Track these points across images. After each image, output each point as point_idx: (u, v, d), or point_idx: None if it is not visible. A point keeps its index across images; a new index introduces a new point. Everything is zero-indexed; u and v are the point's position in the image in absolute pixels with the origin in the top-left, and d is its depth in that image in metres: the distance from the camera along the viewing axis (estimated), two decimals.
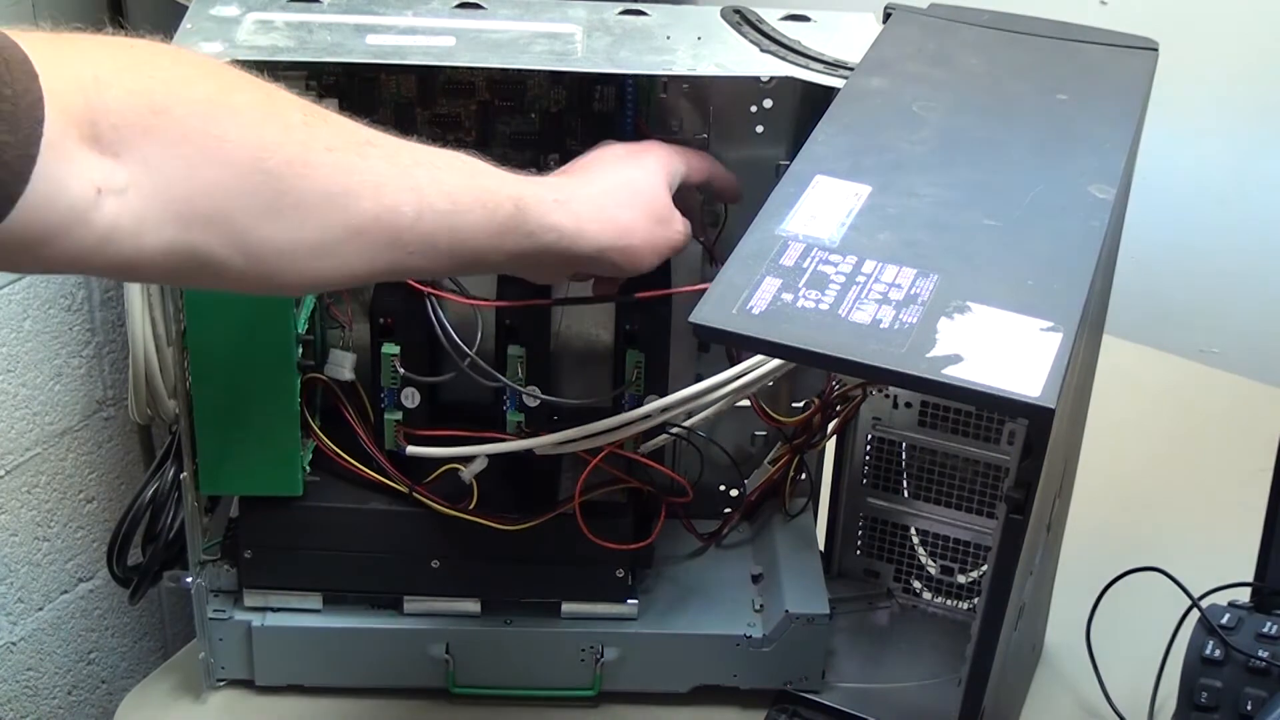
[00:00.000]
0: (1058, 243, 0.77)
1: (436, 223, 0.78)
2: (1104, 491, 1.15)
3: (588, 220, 0.85)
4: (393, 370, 0.99)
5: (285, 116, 0.74)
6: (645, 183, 0.89)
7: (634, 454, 1.02)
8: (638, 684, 1.05)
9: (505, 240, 0.82)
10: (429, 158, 0.80)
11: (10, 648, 1.46)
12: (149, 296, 0.94)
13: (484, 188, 0.81)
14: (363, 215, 0.75)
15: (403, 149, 0.79)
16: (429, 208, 0.77)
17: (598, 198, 0.87)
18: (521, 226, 0.82)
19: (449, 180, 0.79)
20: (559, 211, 0.84)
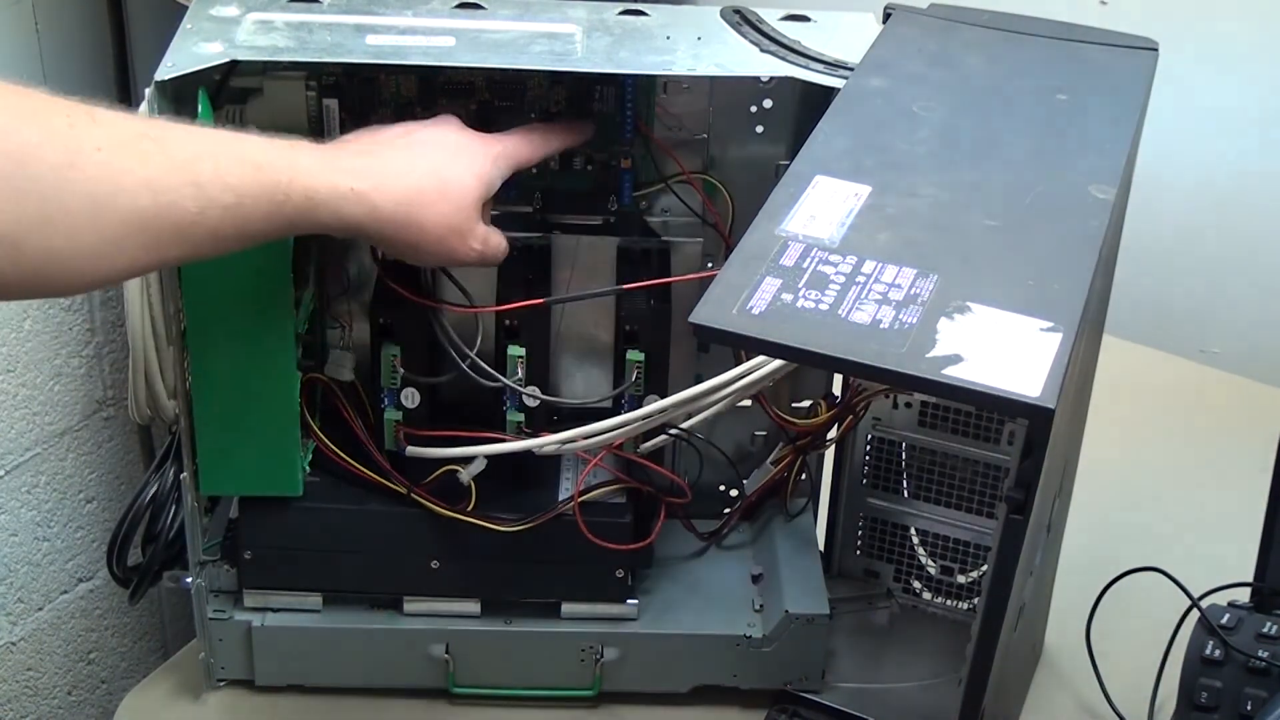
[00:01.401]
0: (1058, 243, 0.77)
1: (220, 217, 0.78)
2: (1104, 491, 1.15)
3: (386, 214, 0.84)
4: (393, 370, 0.99)
5: (47, 120, 0.73)
6: (459, 188, 0.88)
7: (633, 455, 1.02)
8: (638, 684, 1.05)
9: (296, 229, 0.82)
10: (215, 148, 0.79)
11: (10, 648, 1.46)
12: (149, 296, 0.94)
13: (272, 181, 0.80)
14: (141, 214, 0.74)
15: (185, 141, 0.78)
16: (212, 202, 0.77)
17: (403, 191, 0.85)
18: (311, 217, 0.82)
19: (233, 173, 0.78)
20: (354, 203, 0.83)
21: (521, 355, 0.99)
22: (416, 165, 0.87)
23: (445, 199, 0.87)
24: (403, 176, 0.86)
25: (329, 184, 0.82)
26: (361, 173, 0.84)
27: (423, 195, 0.86)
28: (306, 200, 0.81)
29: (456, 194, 0.88)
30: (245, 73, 0.96)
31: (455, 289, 1.02)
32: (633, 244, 1.04)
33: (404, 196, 0.85)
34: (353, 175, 0.84)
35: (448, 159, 0.89)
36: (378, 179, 0.85)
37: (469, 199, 0.88)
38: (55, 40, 1.36)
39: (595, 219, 1.04)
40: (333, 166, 0.83)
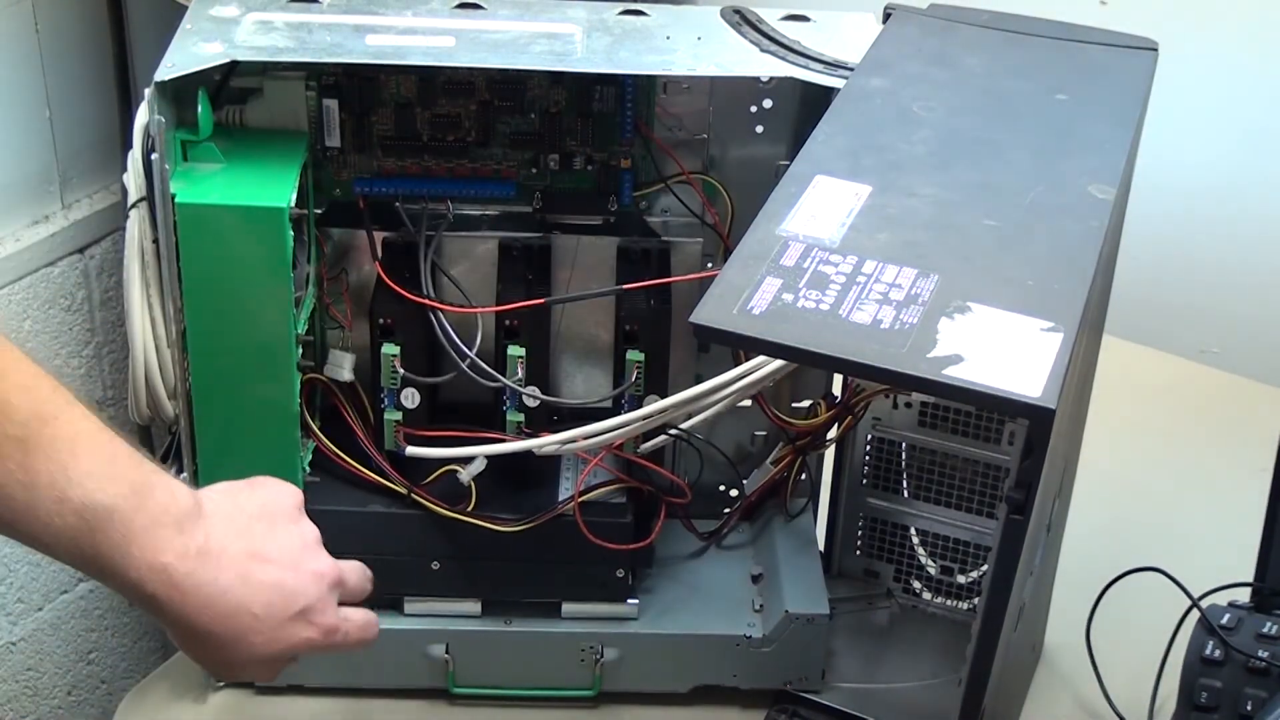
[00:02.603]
0: (1058, 243, 0.77)
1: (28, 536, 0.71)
2: (1104, 491, 1.15)
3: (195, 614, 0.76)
4: (393, 370, 0.99)
5: None
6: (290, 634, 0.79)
7: (633, 455, 1.02)
8: (638, 684, 1.05)
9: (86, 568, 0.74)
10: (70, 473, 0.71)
11: (10, 648, 1.45)
12: (149, 296, 0.94)
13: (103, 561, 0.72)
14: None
15: None
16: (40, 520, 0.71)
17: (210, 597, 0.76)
18: (102, 564, 0.73)
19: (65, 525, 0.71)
20: (152, 576, 0.74)
21: (521, 355, 0.99)
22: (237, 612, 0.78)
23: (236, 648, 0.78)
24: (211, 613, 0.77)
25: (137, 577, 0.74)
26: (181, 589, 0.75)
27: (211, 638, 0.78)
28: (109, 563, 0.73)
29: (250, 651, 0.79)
30: (245, 73, 0.96)
31: (455, 289, 1.02)
32: (633, 244, 1.04)
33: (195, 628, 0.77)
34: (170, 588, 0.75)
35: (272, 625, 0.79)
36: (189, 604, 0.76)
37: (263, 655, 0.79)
38: (55, 40, 1.36)
39: (595, 219, 1.04)
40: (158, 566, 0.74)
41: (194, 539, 0.76)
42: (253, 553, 0.79)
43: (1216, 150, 1.46)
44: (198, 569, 0.76)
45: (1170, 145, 1.41)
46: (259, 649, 0.79)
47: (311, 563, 0.82)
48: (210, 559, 0.76)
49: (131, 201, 0.93)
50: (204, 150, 0.94)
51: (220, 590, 0.76)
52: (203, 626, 0.77)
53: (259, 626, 0.78)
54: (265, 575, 0.79)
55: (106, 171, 1.44)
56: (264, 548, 0.79)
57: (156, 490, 0.74)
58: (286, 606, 0.79)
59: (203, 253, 0.92)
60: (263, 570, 0.79)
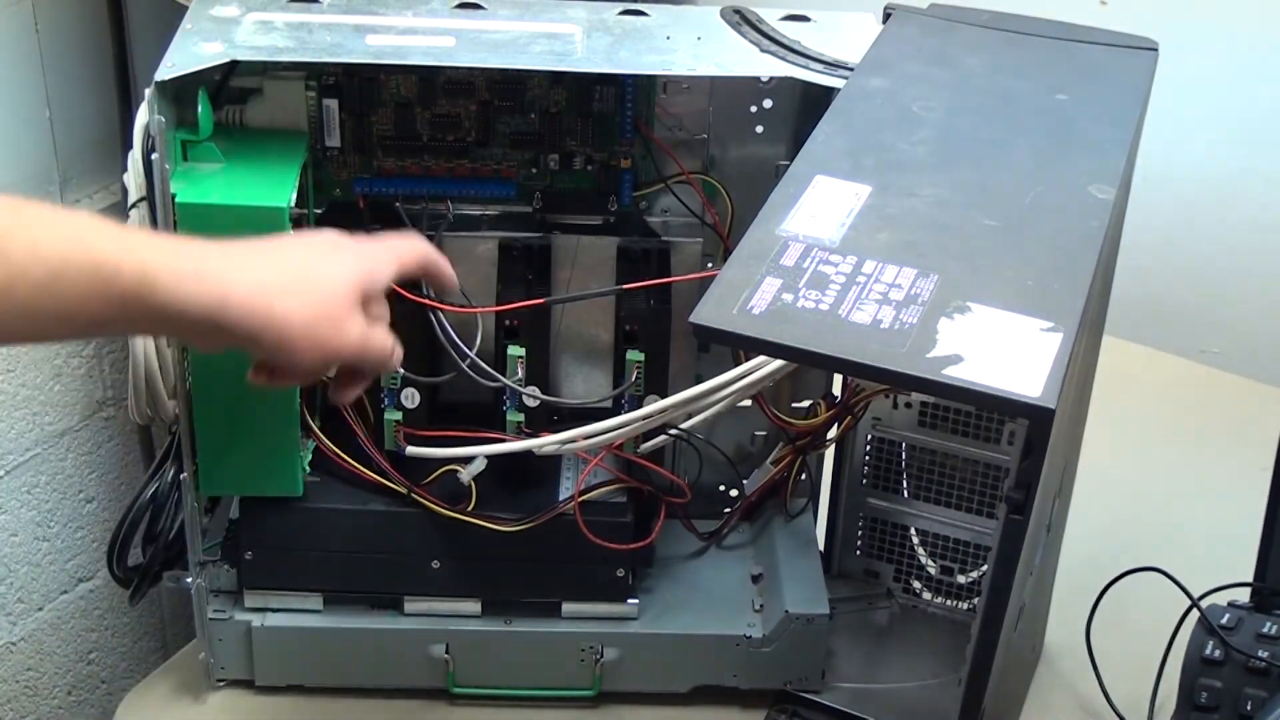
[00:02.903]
0: (1058, 243, 0.77)
1: (33, 291, 0.72)
2: (1104, 491, 1.15)
3: (238, 301, 0.77)
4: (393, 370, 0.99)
5: None
6: (329, 276, 0.82)
7: (634, 455, 1.02)
8: (638, 684, 1.05)
9: (131, 309, 0.75)
10: (39, 222, 0.74)
11: (10, 648, 1.45)
12: None
13: (98, 257, 0.73)
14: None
15: (3, 213, 0.73)
16: (21, 275, 0.72)
17: (261, 280, 0.79)
18: (149, 298, 0.74)
19: (51, 247, 0.72)
20: (197, 284, 0.76)
21: (521, 355, 0.99)
22: (281, 259, 0.82)
23: (309, 288, 0.81)
24: (260, 268, 0.80)
25: (169, 265, 0.75)
26: (211, 259, 0.78)
27: (282, 284, 0.80)
28: (140, 279, 0.74)
29: (323, 283, 0.81)
30: (245, 73, 0.96)
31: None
32: (633, 244, 1.04)
33: (260, 284, 0.79)
34: (199, 260, 0.77)
35: (316, 257, 0.83)
36: (232, 266, 0.78)
37: (340, 287, 0.82)
38: (55, 40, 1.36)
39: (595, 219, 1.04)
40: (175, 251, 0.77)
41: (211, 245, 0.79)
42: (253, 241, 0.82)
43: (1216, 150, 1.46)
44: (233, 260, 0.78)
45: (1170, 145, 1.41)
46: (336, 270, 0.82)
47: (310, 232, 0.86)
48: (234, 253, 0.79)
49: (131, 201, 0.93)
50: (204, 150, 0.94)
51: (253, 252, 0.80)
52: (269, 277, 0.79)
53: (311, 256, 0.82)
54: (293, 239, 0.84)
55: (106, 171, 1.44)
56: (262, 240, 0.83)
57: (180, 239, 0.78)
58: (320, 239, 0.84)
59: None
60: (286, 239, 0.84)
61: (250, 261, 0.80)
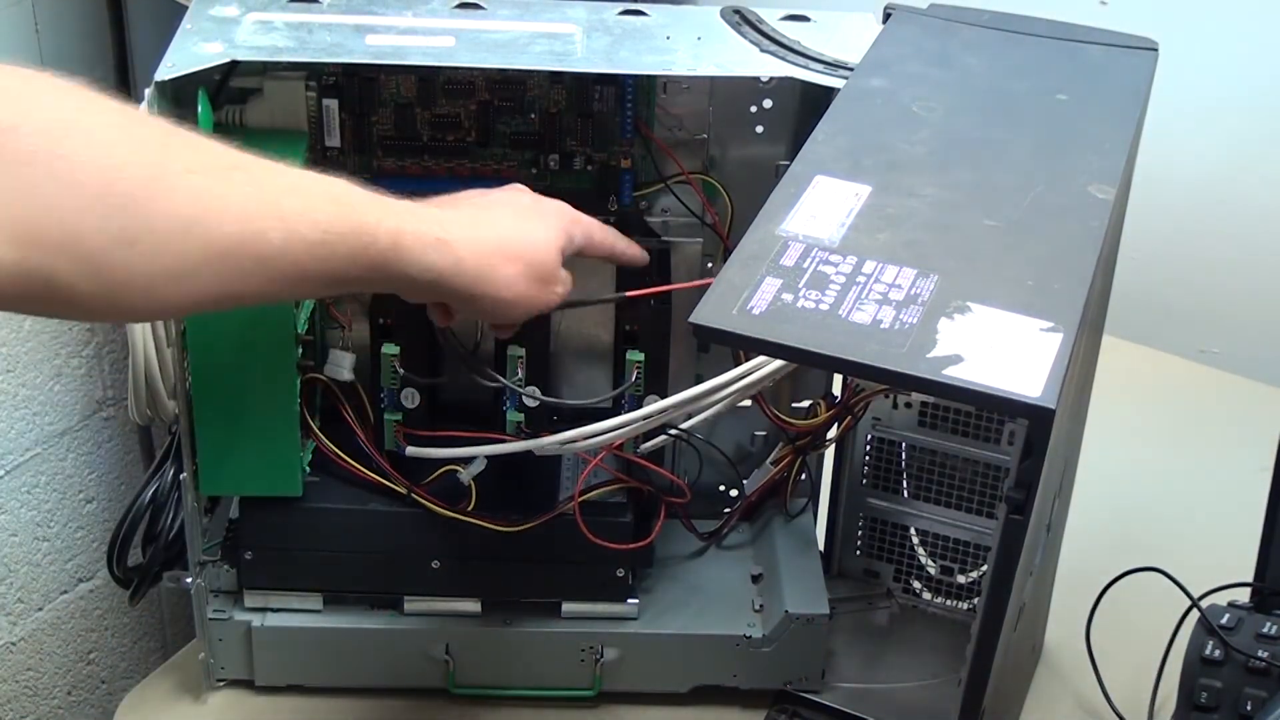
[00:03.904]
0: (1058, 243, 0.77)
1: (305, 252, 0.75)
2: (1104, 491, 1.15)
3: (469, 266, 0.84)
4: (393, 370, 0.99)
5: (141, 138, 0.72)
6: (540, 240, 0.88)
7: (633, 455, 1.02)
8: (638, 684, 1.05)
9: (379, 273, 0.80)
10: (303, 184, 0.78)
11: (10, 648, 1.46)
12: None
13: (359, 221, 0.78)
14: (224, 241, 0.72)
15: (274, 174, 0.76)
16: (297, 237, 0.75)
17: (486, 244, 0.85)
18: (395, 263, 0.80)
19: (321, 210, 0.77)
20: (439, 251, 0.82)
21: (521, 355, 0.99)
22: (498, 222, 0.88)
23: (527, 253, 0.87)
24: (483, 233, 0.86)
25: (416, 231, 0.81)
26: (447, 224, 0.84)
27: (505, 248, 0.86)
28: (393, 245, 0.80)
29: (537, 247, 0.88)
30: (245, 73, 0.96)
31: None
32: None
33: (485, 250, 0.85)
34: (439, 225, 0.83)
35: (526, 218, 0.89)
36: (463, 231, 0.84)
37: (550, 249, 0.89)
38: (55, 40, 1.36)
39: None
40: (419, 215, 0.83)
41: (441, 207, 0.86)
42: (458, 198, 0.89)
43: (1216, 150, 1.46)
44: (442, 208, 0.85)
45: (1170, 145, 1.41)
46: (546, 233, 0.89)
47: (499, 188, 0.92)
48: (462, 217, 0.86)
49: None
50: None
51: (469, 212, 0.86)
52: (492, 239, 0.85)
53: (521, 217, 0.89)
54: (482, 200, 0.89)
55: None
56: (464, 195, 0.89)
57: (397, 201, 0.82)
58: (519, 199, 0.91)
59: None
60: (475, 197, 0.89)
61: (475, 226, 0.86)
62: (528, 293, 0.87)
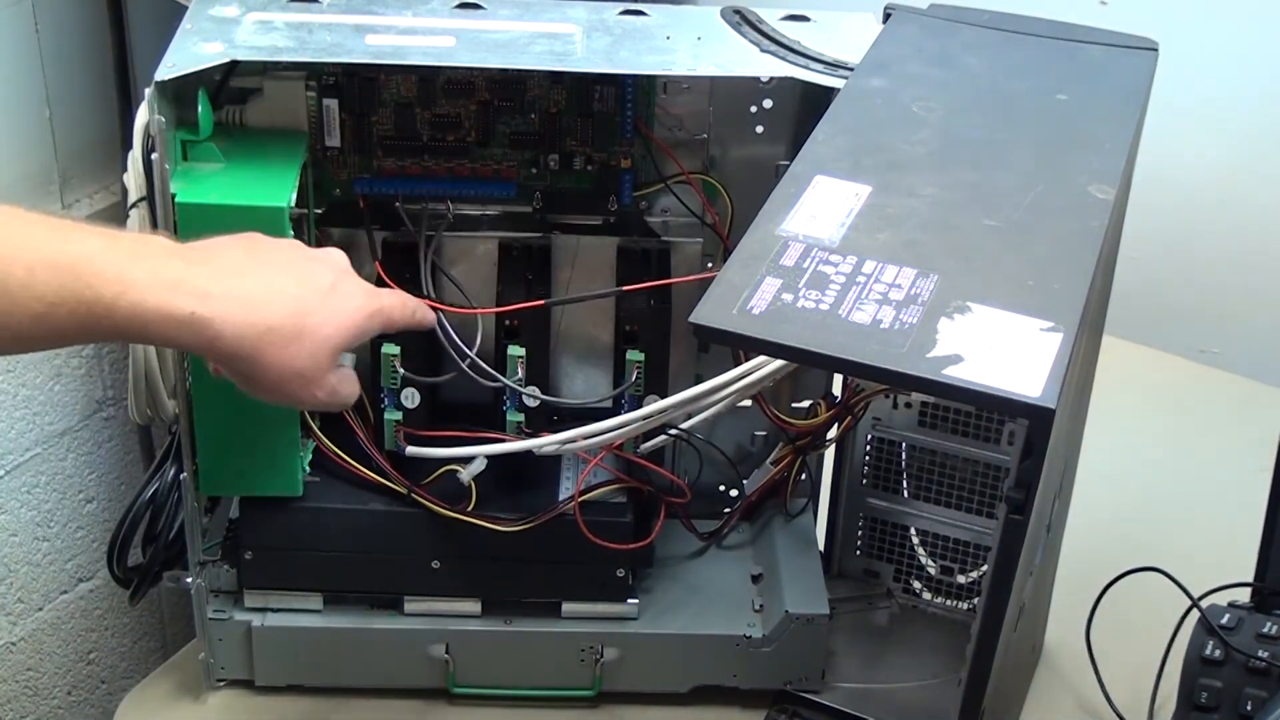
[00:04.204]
0: (1058, 243, 0.77)
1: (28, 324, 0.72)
2: (1104, 491, 1.15)
3: (226, 347, 0.77)
4: (393, 370, 0.99)
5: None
6: (316, 339, 0.80)
7: (633, 455, 1.02)
8: (638, 684, 1.05)
9: (121, 336, 0.75)
10: (36, 250, 0.73)
11: (10, 648, 1.45)
12: None
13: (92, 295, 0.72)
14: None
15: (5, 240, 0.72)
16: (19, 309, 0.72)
17: (252, 328, 0.77)
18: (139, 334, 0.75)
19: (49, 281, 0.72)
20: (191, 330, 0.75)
21: (521, 355, 0.99)
22: (277, 298, 0.79)
23: (298, 344, 0.79)
24: (258, 308, 0.78)
25: (161, 305, 0.74)
26: (209, 296, 0.76)
27: (273, 334, 0.78)
28: (132, 319, 0.73)
29: (313, 342, 0.80)
30: (245, 73, 0.96)
31: (455, 289, 1.02)
32: (633, 244, 1.04)
33: (251, 330, 0.77)
34: (196, 298, 0.75)
35: (317, 302, 0.81)
36: (226, 306, 0.76)
37: (325, 349, 0.81)
38: (55, 40, 1.36)
39: (595, 219, 1.04)
40: (174, 284, 0.75)
41: (196, 255, 0.77)
42: (251, 250, 0.80)
43: (1216, 150, 1.46)
44: (213, 273, 0.76)
45: (1170, 145, 1.41)
46: (324, 329, 0.79)
47: (312, 250, 0.83)
48: (221, 264, 0.77)
49: (131, 201, 0.93)
50: (204, 150, 0.94)
51: (250, 281, 0.77)
52: (262, 325, 0.77)
53: (308, 304, 0.79)
54: (277, 259, 0.79)
55: (106, 171, 1.44)
56: (261, 250, 0.80)
57: (145, 241, 0.76)
58: (318, 279, 0.81)
59: None
60: (270, 256, 0.79)
61: (246, 303, 0.77)
62: (284, 386, 0.80)
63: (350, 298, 0.83)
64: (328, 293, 0.82)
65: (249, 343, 0.77)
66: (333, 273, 0.83)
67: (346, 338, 0.82)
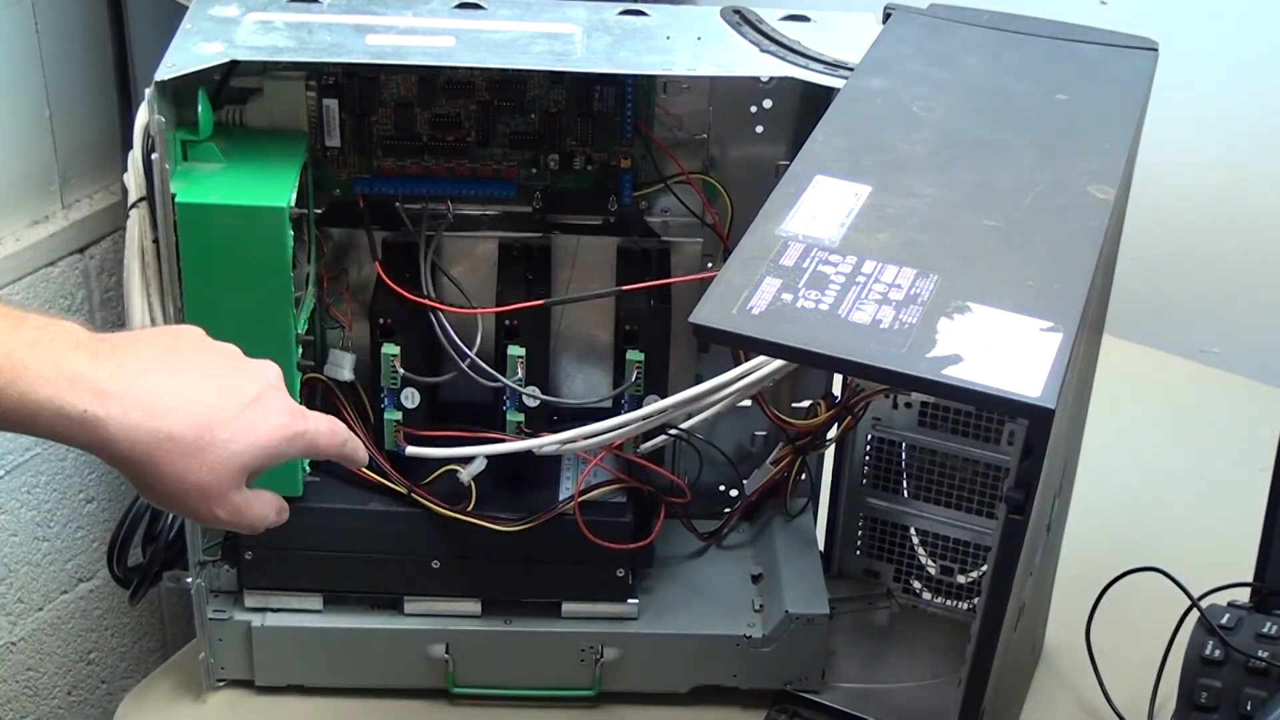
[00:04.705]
0: (1058, 243, 0.77)
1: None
2: (1104, 491, 1.15)
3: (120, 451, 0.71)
4: (393, 370, 0.99)
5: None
6: (217, 454, 0.73)
7: (633, 455, 1.02)
8: (638, 684, 1.05)
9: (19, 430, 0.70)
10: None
11: (10, 648, 1.46)
12: (149, 296, 0.95)
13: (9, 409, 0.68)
14: None
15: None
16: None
17: (150, 434, 0.71)
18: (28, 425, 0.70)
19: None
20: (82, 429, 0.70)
21: (521, 355, 0.99)
22: (188, 405, 0.73)
23: (199, 457, 0.72)
24: (160, 414, 0.71)
25: (53, 399, 0.69)
26: (106, 395, 0.70)
27: (172, 442, 0.72)
28: (19, 409, 0.69)
29: (217, 457, 0.73)
30: (245, 73, 0.96)
31: (455, 289, 1.02)
32: (633, 244, 1.04)
33: (148, 437, 0.71)
34: (93, 395, 0.70)
35: (231, 414, 0.74)
36: (123, 407, 0.70)
37: (230, 466, 0.74)
38: (55, 40, 1.36)
39: (595, 219, 1.04)
40: (72, 378, 0.70)
41: (105, 348, 0.71)
42: (172, 350, 0.74)
43: (1216, 150, 1.46)
44: (117, 371, 0.71)
45: (1170, 145, 1.41)
46: (233, 445, 0.73)
47: (243, 359, 0.77)
48: (130, 361, 0.72)
49: (131, 201, 0.93)
50: (204, 150, 0.94)
51: (157, 384, 0.72)
52: (161, 431, 0.71)
53: (219, 414, 0.73)
54: (200, 361, 0.74)
55: (106, 171, 1.44)
56: (185, 350, 0.75)
57: (50, 328, 0.71)
58: (239, 390, 0.75)
59: (203, 252, 0.92)
60: (194, 358, 0.74)
61: (156, 400, 0.72)
62: (180, 499, 0.73)
63: (272, 414, 0.76)
64: (247, 406, 0.75)
65: (142, 449, 0.71)
66: (258, 386, 0.76)
67: (258, 458, 0.75)
